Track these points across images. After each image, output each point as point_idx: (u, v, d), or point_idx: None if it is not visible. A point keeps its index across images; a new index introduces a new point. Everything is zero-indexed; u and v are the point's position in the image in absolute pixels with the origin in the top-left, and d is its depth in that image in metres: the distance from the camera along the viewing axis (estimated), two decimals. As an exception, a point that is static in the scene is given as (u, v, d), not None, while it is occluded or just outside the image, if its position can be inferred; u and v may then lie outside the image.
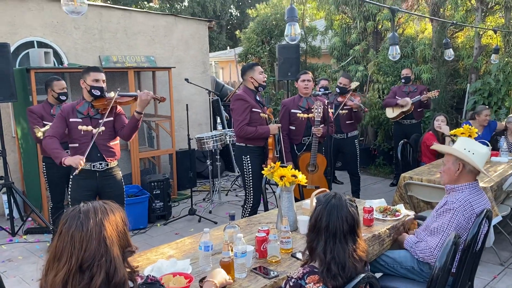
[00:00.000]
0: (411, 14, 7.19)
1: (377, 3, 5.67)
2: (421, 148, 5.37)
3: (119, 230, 1.48)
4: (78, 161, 3.21)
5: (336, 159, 5.99)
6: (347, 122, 5.48)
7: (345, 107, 5.39)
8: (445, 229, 2.47)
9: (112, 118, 3.52)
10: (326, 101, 4.67)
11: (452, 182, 2.63)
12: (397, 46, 4.20)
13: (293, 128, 4.62)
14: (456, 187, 2.61)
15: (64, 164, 3.24)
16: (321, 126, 4.44)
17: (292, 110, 4.62)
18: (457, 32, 7.40)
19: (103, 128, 3.44)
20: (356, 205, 1.87)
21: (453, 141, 4.48)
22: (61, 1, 1.95)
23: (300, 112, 4.60)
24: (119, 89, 3.56)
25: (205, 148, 5.51)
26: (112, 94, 3.47)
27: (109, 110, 3.43)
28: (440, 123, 5.12)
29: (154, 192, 5.20)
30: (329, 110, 4.65)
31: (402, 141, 4.95)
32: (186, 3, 20.00)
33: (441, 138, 5.13)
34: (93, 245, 1.39)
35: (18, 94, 4.74)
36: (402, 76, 6.23)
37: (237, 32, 12.75)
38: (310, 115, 4.54)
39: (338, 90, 5.53)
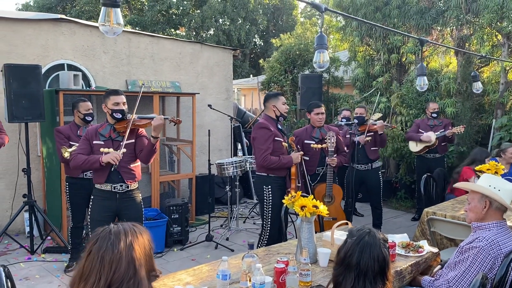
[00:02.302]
0: (440, 45, 7.17)
1: (405, 33, 5.69)
2: (459, 181, 5.19)
3: (146, 253, 1.49)
4: (115, 156, 3.32)
5: (358, 191, 5.89)
6: (372, 148, 5.42)
7: (368, 134, 5.34)
8: (467, 266, 2.38)
9: (133, 140, 3.56)
10: (339, 131, 4.66)
11: (479, 220, 2.55)
12: (425, 77, 4.16)
13: (307, 158, 4.58)
14: (482, 225, 2.53)
15: (102, 162, 3.33)
16: (334, 156, 4.42)
17: (306, 141, 4.59)
18: (482, 67, 7.34)
19: (124, 150, 3.47)
20: (388, 246, 1.83)
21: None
22: (98, 22, 2.02)
23: (314, 142, 4.58)
24: (134, 114, 3.59)
25: (224, 174, 5.51)
26: (131, 116, 3.53)
27: (128, 131, 3.48)
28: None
29: (172, 216, 5.20)
30: (342, 139, 4.63)
31: (425, 175, 4.85)
32: (211, 32, 20.47)
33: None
34: (123, 267, 1.39)
35: (46, 115, 4.87)
36: (432, 111, 6.07)
37: (260, 60, 12.96)
38: (324, 145, 4.52)
39: (356, 121, 5.50)
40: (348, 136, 5.37)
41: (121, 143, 3.49)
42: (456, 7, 6.96)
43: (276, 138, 4.04)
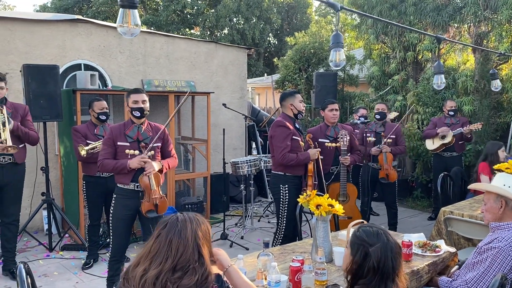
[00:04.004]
0: (457, 43, 7.06)
1: (421, 31, 5.61)
2: (478, 180, 5.10)
3: (208, 239, 1.65)
4: (142, 160, 3.36)
5: (374, 190, 5.81)
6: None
7: (390, 136, 5.27)
8: (486, 267, 2.35)
9: (160, 144, 3.60)
10: (354, 130, 4.63)
11: (497, 221, 2.51)
12: (442, 75, 4.11)
13: (322, 157, 4.54)
14: (501, 225, 2.48)
15: (130, 168, 3.38)
16: (348, 155, 4.39)
17: (320, 140, 4.54)
18: (501, 64, 7.21)
19: (152, 152, 3.51)
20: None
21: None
22: (116, 23, 2.05)
23: (328, 141, 4.55)
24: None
25: (239, 172, 5.52)
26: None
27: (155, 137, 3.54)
28: None
29: (187, 215, 5.22)
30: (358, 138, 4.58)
31: (442, 174, 4.78)
32: (226, 31, 20.52)
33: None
34: (189, 251, 1.55)
35: (63, 114, 4.94)
36: (449, 109, 5.95)
37: (275, 59, 12.94)
38: (338, 144, 4.49)
39: (378, 117, 5.44)
40: (364, 135, 5.32)
41: (149, 145, 3.50)
42: (474, 3, 6.85)
43: (293, 137, 4.03)
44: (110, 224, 3.59)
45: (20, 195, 4.29)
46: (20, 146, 4.09)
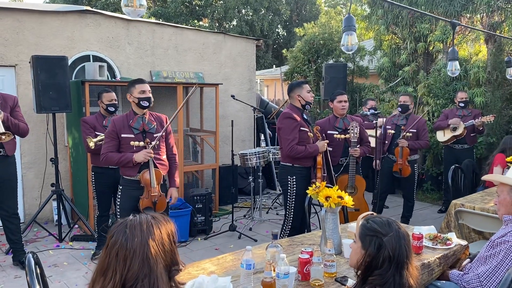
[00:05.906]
0: (472, 29, 6.92)
1: (436, 16, 5.50)
2: (490, 171, 5.03)
3: (166, 248, 1.42)
4: (146, 155, 3.40)
5: (393, 182, 5.71)
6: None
7: (410, 130, 5.22)
8: (499, 261, 2.31)
9: (164, 133, 3.61)
10: (363, 121, 4.60)
11: (511, 214, 2.46)
12: (457, 62, 4.02)
13: (330, 149, 4.50)
14: (515, 218, 2.44)
15: (135, 162, 3.41)
16: (357, 146, 4.35)
17: (329, 131, 4.53)
18: (514, 54, 7.08)
19: (157, 142, 3.52)
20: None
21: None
22: (121, 3, 2.04)
23: (337, 133, 4.52)
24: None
25: (248, 164, 5.50)
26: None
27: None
28: None
29: (196, 206, 5.23)
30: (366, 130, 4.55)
31: (453, 166, 4.72)
32: (234, 23, 20.42)
33: None
34: (137, 264, 1.35)
35: (72, 105, 4.95)
36: (460, 101, 5.88)
37: (284, 50, 12.86)
38: (347, 135, 4.46)
39: (400, 109, 5.40)
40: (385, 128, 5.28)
41: (155, 135, 3.52)
42: (487, -8, 6.72)
43: (301, 128, 4.00)
44: (118, 215, 3.60)
45: (15, 188, 4.23)
46: None
